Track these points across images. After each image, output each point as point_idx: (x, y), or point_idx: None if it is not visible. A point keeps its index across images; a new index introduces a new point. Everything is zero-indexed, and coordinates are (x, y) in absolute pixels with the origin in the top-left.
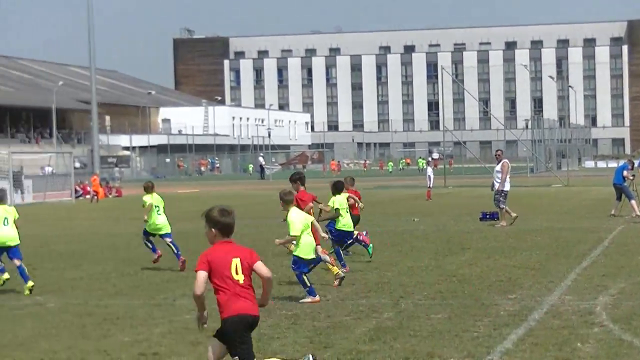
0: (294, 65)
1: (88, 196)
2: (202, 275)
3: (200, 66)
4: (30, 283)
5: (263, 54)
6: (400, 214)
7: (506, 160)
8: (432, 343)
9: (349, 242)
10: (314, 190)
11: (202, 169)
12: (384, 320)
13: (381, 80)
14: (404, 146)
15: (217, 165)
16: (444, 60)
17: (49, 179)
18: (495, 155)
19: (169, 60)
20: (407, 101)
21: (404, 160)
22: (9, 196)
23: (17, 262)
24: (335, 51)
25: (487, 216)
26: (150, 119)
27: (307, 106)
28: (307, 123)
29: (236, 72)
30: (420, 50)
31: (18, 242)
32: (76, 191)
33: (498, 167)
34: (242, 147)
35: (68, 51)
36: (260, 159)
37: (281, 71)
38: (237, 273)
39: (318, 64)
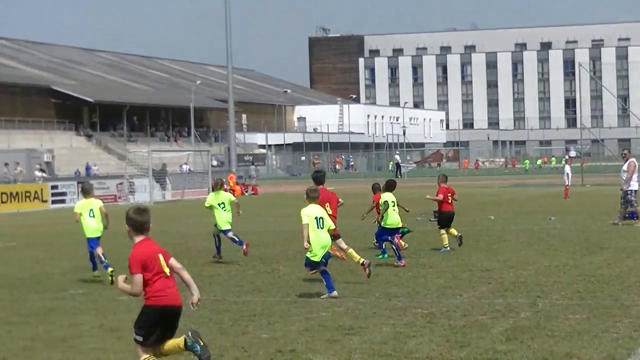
0: (429, 63)
1: None
2: (138, 278)
3: (336, 64)
4: (95, 272)
5: (398, 52)
6: (536, 212)
7: (633, 160)
8: (570, 344)
9: (389, 238)
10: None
11: (337, 166)
12: (521, 320)
13: (517, 77)
14: (540, 144)
15: (352, 163)
16: (582, 56)
17: (186, 176)
18: (622, 155)
19: (304, 59)
20: (544, 98)
21: (541, 160)
22: (150, 193)
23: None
24: (470, 48)
25: (626, 216)
26: (285, 117)
27: (442, 104)
28: (442, 121)
29: (371, 70)
30: (557, 47)
31: (100, 234)
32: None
33: (625, 167)
34: (377, 145)
35: (206, 51)
36: (397, 156)
37: (416, 69)
38: (164, 267)
39: (453, 62)
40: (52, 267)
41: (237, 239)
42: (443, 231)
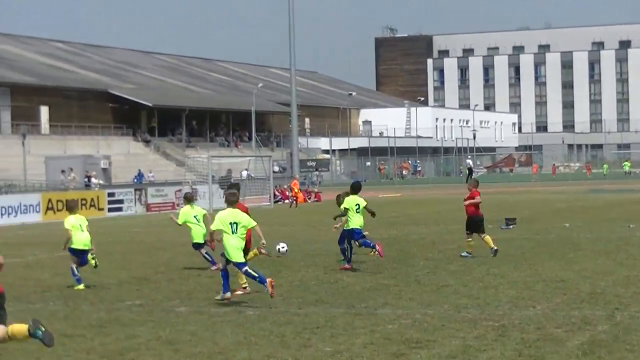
0: (501, 64)
1: (287, 201)
2: None
3: (403, 66)
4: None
5: (468, 52)
6: (614, 219)
7: None
8: None
9: (356, 240)
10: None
11: (404, 172)
12: (598, 334)
13: (594, 78)
14: (618, 147)
15: (419, 168)
16: None
17: (247, 183)
18: None
19: (370, 60)
20: (622, 100)
21: (628, 163)
22: (209, 200)
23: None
24: (544, 48)
25: None
26: (350, 121)
27: (514, 106)
28: (514, 124)
29: (440, 71)
30: (637, 46)
31: (90, 246)
32: (275, 196)
33: None
34: (446, 150)
35: (268, 52)
36: (469, 161)
37: (487, 70)
38: None
39: (526, 62)
40: (108, 278)
41: (209, 258)
42: (470, 238)
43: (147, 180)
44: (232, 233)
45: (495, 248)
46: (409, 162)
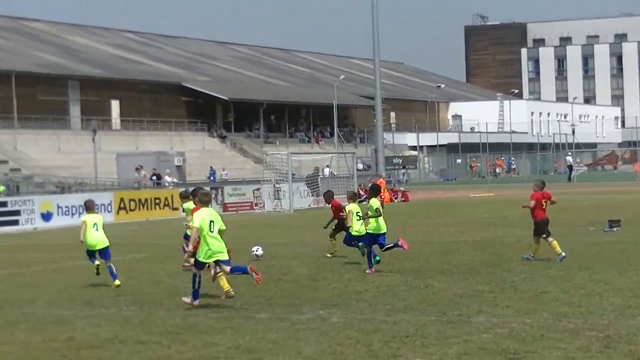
0: (602, 53)
1: None
2: None
3: (495, 56)
4: (116, 282)
5: (566, 40)
6: None
7: None
8: None
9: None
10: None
11: (497, 170)
12: None
13: None
14: None
15: (514, 166)
16: None
17: (329, 181)
18: None
19: (460, 50)
20: None
21: None
22: (290, 200)
23: (106, 262)
24: None
25: None
26: (439, 115)
27: (617, 99)
28: (616, 118)
29: (535, 61)
30: None
31: (107, 244)
32: (359, 195)
33: None
34: (542, 146)
35: (350, 42)
36: (569, 158)
37: (587, 60)
38: None
39: (630, 51)
40: (185, 282)
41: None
42: (551, 239)
43: (221, 178)
44: (210, 232)
45: (533, 257)
46: (503, 159)
